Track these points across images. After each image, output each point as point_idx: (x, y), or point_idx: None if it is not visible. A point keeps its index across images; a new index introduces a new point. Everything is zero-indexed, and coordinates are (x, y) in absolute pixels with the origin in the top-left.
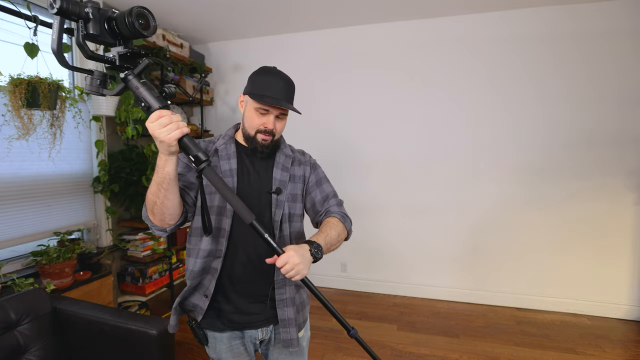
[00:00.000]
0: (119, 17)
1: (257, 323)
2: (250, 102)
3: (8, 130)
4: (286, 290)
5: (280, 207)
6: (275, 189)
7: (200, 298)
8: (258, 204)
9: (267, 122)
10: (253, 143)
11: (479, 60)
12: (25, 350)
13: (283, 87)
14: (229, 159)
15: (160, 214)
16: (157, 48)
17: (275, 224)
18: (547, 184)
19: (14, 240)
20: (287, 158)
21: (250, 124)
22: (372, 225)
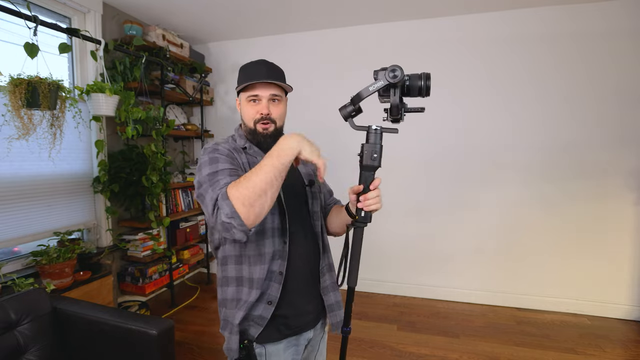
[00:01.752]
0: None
1: (312, 322)
2: (242, 96)
3: (8, 130)
4: (326, 278)
5: (317, 198)
6: (308, 182)
7: (264, 307)
8: (295, 200)
9: (261, 108)
10: (255, 136)
11: (479, 60)
12: (25, 350)
13: (265, 69)
14: (257, 157)
15: (262, 207)
16: (157, 48)
17: (315, 215)
18: (547, 184)
19: (14, 240)
20: None
21: (247, 117)
22: (372, 225)
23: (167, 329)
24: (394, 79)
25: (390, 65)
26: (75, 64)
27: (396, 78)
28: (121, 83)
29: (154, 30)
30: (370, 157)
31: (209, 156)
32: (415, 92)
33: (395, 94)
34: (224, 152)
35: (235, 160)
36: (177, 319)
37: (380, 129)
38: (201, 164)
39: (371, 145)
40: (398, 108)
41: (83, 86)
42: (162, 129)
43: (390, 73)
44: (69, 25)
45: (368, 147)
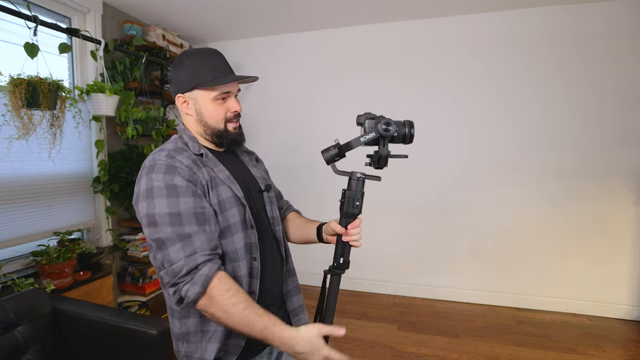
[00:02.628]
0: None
1: None
2: (202, 95)
3: (8, 130)
4: (288, 282)
5: (274, 204)
6: (265, 187)
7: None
8: (255, 205)
9: (233, 105)
10: (226, 137)
11: (479, 60)
12: (25, 350)
13: (225, 60)
14: (216, 165)
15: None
16: (157, 48)
17: (276, 220)
18: (547, 184)
19: (14, 240)
20: (250, 155)
21: (215, 118)
22: (372, 225)
23: (167, 329)
24: (386, 132)
25: (383, 119)
26: (75, 64)
27: (389, 132)
28: (121, 83)
29: (154, 30)
30: (352, 205)
31: (165, 181)
32: (399, 140)
33: (384, 144)
34: (184, 172)
35: (198, 182)
36: None
37: (364, 177)
38: (154, 188)
39: (353, 192)
40: (386, 158)
41: (83, 86)
42: (162, 129)
43: (383, 126)
44: (69, 25)
45: (350, 194)
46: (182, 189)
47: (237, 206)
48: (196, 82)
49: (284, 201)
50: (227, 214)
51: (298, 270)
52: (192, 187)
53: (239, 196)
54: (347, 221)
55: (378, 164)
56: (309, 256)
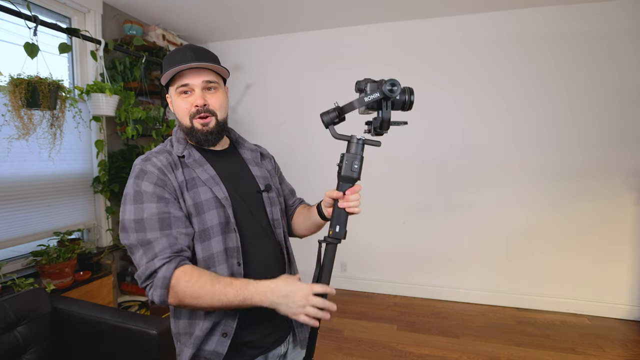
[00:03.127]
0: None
1: (280, 339)
2: (172, 90)
3: (8, 130)
4: None
5: (276, 205)
6: (264, 187)
7: (218, 341)
8: (250, 207)
9: (194, 99)
10: (194, 134)
11: (480, 60)
12: (25, 350)
13: (192, 53)
14: (201, 165)
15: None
16: (157, 48)
17: (276, 222)
18: (547, 184)
19: (14, 240)
20: (253, 152)
21: (180, 113)
22: (372, 225)
23: (167, 329)
24: (391, 93)
25: (388, 79)
26: (75, 64)
27: (394, 93)
28: (121, 83)
29: (154, 30)
30: (350, 168)
31: (134, 187)
32: (398, 106)
33: (387, 107)
34: (153, 177)
35: (167, 185)
36: None
37: (363, 140)
38: (125, 195)
39: (352, 155)
40: (389, 122)
41: (83, 86)
42: (162, 129)
43: (388, 86)
44: (69, 25)
45: (349, 157)
46: (147, 195)
47: (216, 209)
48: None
49: (296, 199)
50: (205, 217)
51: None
52: (159, 192)
53: (220, 198)
54: (345, 186)
55: (380, 128)
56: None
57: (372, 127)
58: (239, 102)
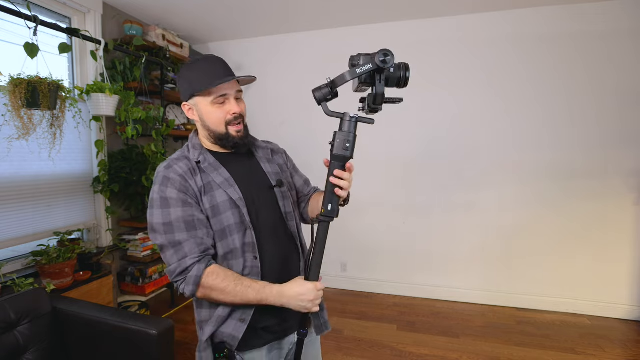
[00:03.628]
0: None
1: (295, 326)
2: (201, 101)
3: (8, 130)
4: None
5: (288, 199)
6: (276, 182)
7: (235, 325)
8: (264, 203)
9: (232, 108)
10: (229, 140)
11: (479, 60)
12: (25, 350)
13: (223, 65)
14: (217, 169)
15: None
16: (157, 48)
17: (289, 215)
18: (547, 184)
19: (14, 240)
20: (264, 150)
21: (215, 122)
22: (372, 225)
23: (167, 329)
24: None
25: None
26: (75, 64)
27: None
28: (121, 83)
29: (154, 30)
30: (343, 147)
31: (159, 194)
32: (393, 83)
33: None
34: (176, 183)
35: (189, 190)
36: (177, 319)
37: (357, 118)
38: (152, 200)
39: (344, 133)
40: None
41: (83, 86)
42: (162, 129)
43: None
44: (69, 25)
45: (341, 135)
46: (173, 201)
47: (231, 209)
48: (193, 89)
49: (311, 188)
50: (222, 217)
51: None
52: (183, 197)
53: (234, 199)
54: (337, 165)
55: (374, 103)
56: None
57: (366, 104)
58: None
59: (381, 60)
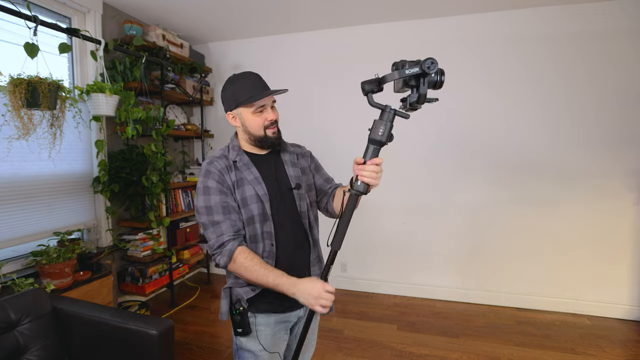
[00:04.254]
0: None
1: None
2: (244, 111)
3: (8, 130)
4: (316, 268)
5: (304, 199)
6: (295, 185)
7: (246, 291)
8: (284, 201)
9: (268, 115)
10: (267, 141)
11: (479, 60)
12: (25, 350)
13: (260, 80)
14: (249, 168)
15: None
16: (157, 48)
17: (303, 214)
18: (547, 184)
19: (14, 240)
20: (291, 155)
21: (256, 127)
22: (372, 225)
23: (167, 329)
24: (429, 70)
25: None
26: (75, 64)
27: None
28: (121, 83)
29: (154, 30)
30: (379, 132)
31: (202, 184)
32: (431, 85)
33: (424, 83)
34: (215, 176)
35: (225, 183)
36: (177, 319)
37: (395, 111)
38: (198, 188)
39: (381, 122)
40: (425, 96)
41: (83, 86)
42: (162, 129)
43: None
44: (69, 25)
45: (379, 122)
46: (212, 190)
47: (257, 202)
48: (237, 102)
49: (331, 185)
50: (249, 208)
51: None
52: (220, 187)
53: (260, 194)
54: (371, 148)
55: (417, 102)
56: None
57: (407, 102)
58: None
59: (427, 67)
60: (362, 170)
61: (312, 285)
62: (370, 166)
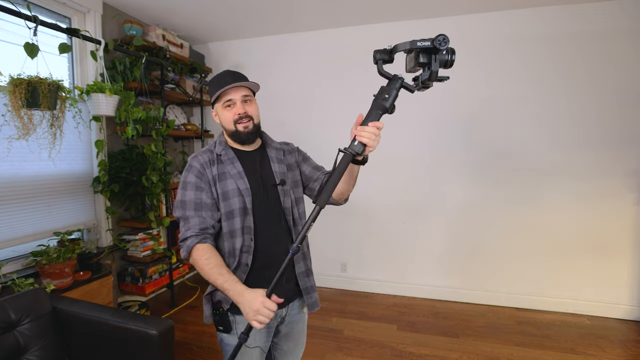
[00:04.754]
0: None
1: (286, 302)
2: (218, 107)
3: (8, 130)
4: (302, 265)
5: (288, 195)
6: (279, 181)
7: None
8: (267, 196)
9: (237, 109)
10: (239, 136)
11: (478, 60)
12: (25, 350)
13: (231, 75)
14: (233, 162)
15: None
16: (157, 48)
17: (287, 210)
18: (547, 184)
19: (14, 240)
20: (278, 151)
21: (227, 121)
22: (372, 225)
23: (167, 329)
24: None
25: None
26: (75, 64)
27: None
28: (121, 83)
29: (154, 30)
30: (382, 97)
31: (183, 178)
32: (442, 64)
33: (436, 60)
34: (195, 170)
35: (204, 177)
36: (177, 319)
37: (402, 80)
38: (180, 183)
39: (387, 89)
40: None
41: (83, 86)
42: (162, 129)
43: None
44: (69, 25)
45: (385, 88)
46: (190, 185)
47: (238, 197)
48: (211, 98)
49: (321, 172)
50: (230, 202)
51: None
52: (198, 183)
53: (241, 189)
54: (373, 112)
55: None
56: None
57: (419, 81)
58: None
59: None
60: (362, 130)
61: (254, 297)
62: (371, 127)
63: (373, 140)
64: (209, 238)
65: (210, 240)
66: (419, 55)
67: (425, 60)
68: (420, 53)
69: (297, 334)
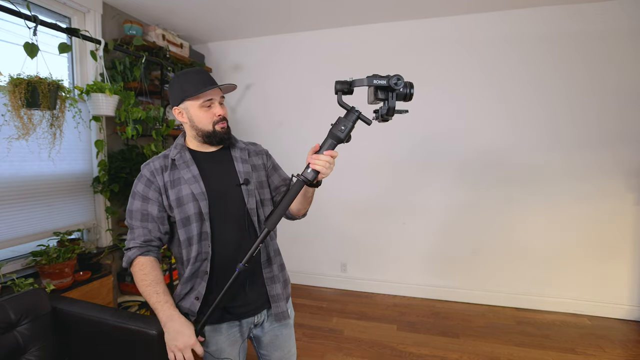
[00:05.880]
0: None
1: (253, 311)
2: (191, 105)
3: (8, 130)
4: (273, 269)
5: (252, 196)
6: (243, 181)
7: (192, 302)
8: (230, 198)
9: (217, 110)
10: (215, 136)
11: (478, 60)
12: (25, 351)
13: (208, 75)
14: (188, 166)
15: None
16: (157, 48)
17: (252, 211)
18: (547, 184)
19: (14, 240)
20: (242, 151)
21: (203, 122)
22: (372, 225)
23: None
24: (396, 86)
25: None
26: (75, 64)
27: (397, 86)
28: (121, 83)
29: (154, 30)
30: (339, 129)
31: (133, 187)
32: (400, 97)
33: (393, 97)
34: (144, 179)
35: (153, 185)
36: None
37: (359, 113)
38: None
39: (345, 120)
40: (394, 109)
41: (83, 86)
42: (162, 129)
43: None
44: (69, 25)
45: (342, 120)
46: (137, 195)
47: (193, 202)
48: (184, 95)
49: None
50: (184, 208)
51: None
52: (145, 192)
53: (195, 193)
54: (329, 142)
55: (387, 114)
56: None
57: (379, 114)
58: (239, 102)
59: (394, 83)
60: (316, 158)
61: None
62: (325, 156)
63: (327, 168)
64: (153, 251)
65: (153, 253)
66: (377, 91)
67: (383, 96)
68: (377, 89)
69: (283, 341)
